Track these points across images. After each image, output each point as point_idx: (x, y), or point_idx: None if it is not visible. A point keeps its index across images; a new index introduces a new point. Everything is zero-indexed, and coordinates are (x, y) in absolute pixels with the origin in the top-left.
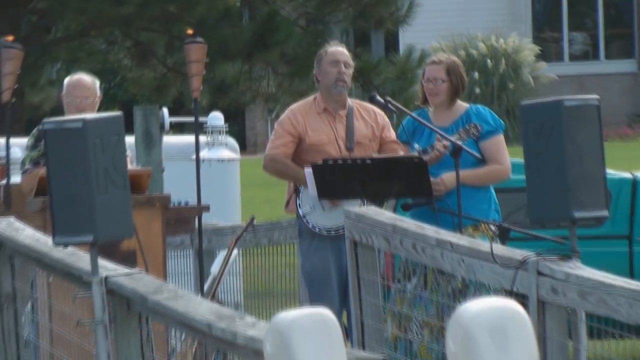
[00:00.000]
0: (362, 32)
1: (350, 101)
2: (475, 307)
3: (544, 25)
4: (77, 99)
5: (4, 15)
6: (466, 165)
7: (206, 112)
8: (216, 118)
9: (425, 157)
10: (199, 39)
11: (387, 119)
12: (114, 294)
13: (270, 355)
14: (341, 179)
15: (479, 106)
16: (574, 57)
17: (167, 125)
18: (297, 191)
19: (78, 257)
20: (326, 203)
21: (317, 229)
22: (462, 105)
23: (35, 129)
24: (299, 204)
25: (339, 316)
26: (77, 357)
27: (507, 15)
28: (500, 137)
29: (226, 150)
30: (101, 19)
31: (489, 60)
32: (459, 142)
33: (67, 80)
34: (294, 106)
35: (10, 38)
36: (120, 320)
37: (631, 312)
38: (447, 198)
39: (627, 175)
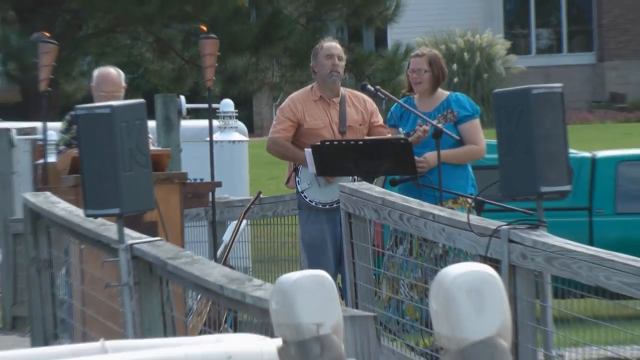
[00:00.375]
0: (355, 29)
1: (343, 90)
2: (455, 271)
3: (514, 23)
4: (104, 93)
5: (40, 14)
6: (446, 146)
7: (218, 100)
8: (227, 105)
9: (410, 139)
10: (212, 35)
11: (375, 106)
12: (138, 259)
13: (276, 312)
14: (337, 158)
15: (458, 94)
16: (540, 51)
17: (184, 111)
18: (296, 170)
19: (106, 227)
20: (322, 180)
21: (314, 203)
22: (443, 93)
23: (68, 114)
24: (298, 181)
25: (334, 279)
26: (106, 316)
27: (481, 14)
28: (477, 121)
29: (236, 133)
30: (126, 18)
31: (465, 54)
32: (440, 126)
33: (96, 72)
34: (294, 95)
35: (46, 34)
36: (143, 282)
37: (590, 275)
38: (429, 175)
39: (587, 154)
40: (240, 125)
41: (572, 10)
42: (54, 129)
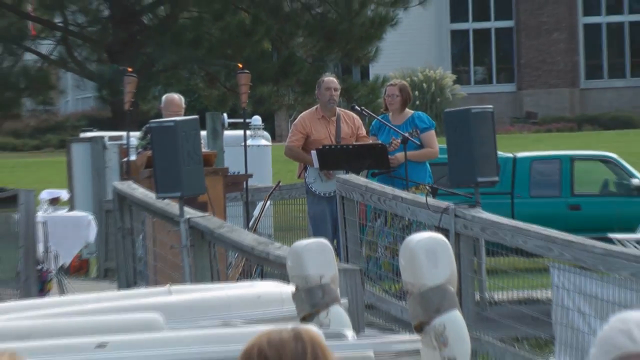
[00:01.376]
0: (346, 66)
1: (338, 110)
2: (417, 237)
3: (458, 62)
4: (170, 112)
5: (125, 55)
6: (411, 149)
7: (250, 116)
8: (256, 120)
9: (387, 146)
10: (246, 71)
11: (360, 122)
12: (193, 228)
13: (291, 267)
14: (334, 157)
15: (420, 112)
16: (477, 82)
17: (226, 124)
18: (305, 169)
19: (171, 206)
20: (323, 176)
21: (317, 192)
22: (409, 111)
23: (144, 126)
24: (306, 177)
25: (331, 243)
26: (170, 268)
27: (435, 56)
28: (433, 132)
29: (263, 139)
30: (185, 58)
31: (424, 84)
32: (406, 134)
33: (164, 97)
34: (303, 114)
35: (129, 70)
36: (197, 245)
37: (512, 240)
38: (399, 169)
39: (510, 155)
40: (266, 134)
41: (499, 54)
42: (134, 136)
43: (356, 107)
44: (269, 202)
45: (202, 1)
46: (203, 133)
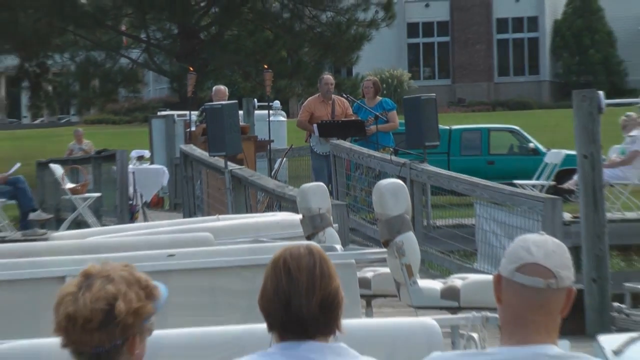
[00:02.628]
0: (337, 67)
1: (333, 96)
2: (384, 182)
3: (412, 64)
4: (217, 98)
5: (188, 59)
6: (380, 123)
7: (272, 101)
8: (277, 103)
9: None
10: (269, 70)
11: (348, 105)
12: (234, 177)
13: (299, 202)
14: (329, 129)
15: (386, 98)
16: (425, 78)
17: (255, 106)
18: (309, 136)
19: (219, 161)
20: (322, 140)
21: (317, 152)
22: (379, 98)
23: (201, 107)
24: (310, 141)
25: (327, 187)
26: (219, 204)
27: (397, 60)
28: (395, 112)
29: (281, 117)
30: (228, 62)
31: (389, 79)
32: (378, 114)
33: (214, 88)
34: (309, 99)
35: (191, 69)
36: (236, 188)
37: (448, 185)
38: (372, 137)
39: (447, 127)
40: (283, 113)
41: (440, 59)
42: (194, 114)
43: (344, 95)
44: (285, 159)
45: (240, 23)
46: (240, 112)
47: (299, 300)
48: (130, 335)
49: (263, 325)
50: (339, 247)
